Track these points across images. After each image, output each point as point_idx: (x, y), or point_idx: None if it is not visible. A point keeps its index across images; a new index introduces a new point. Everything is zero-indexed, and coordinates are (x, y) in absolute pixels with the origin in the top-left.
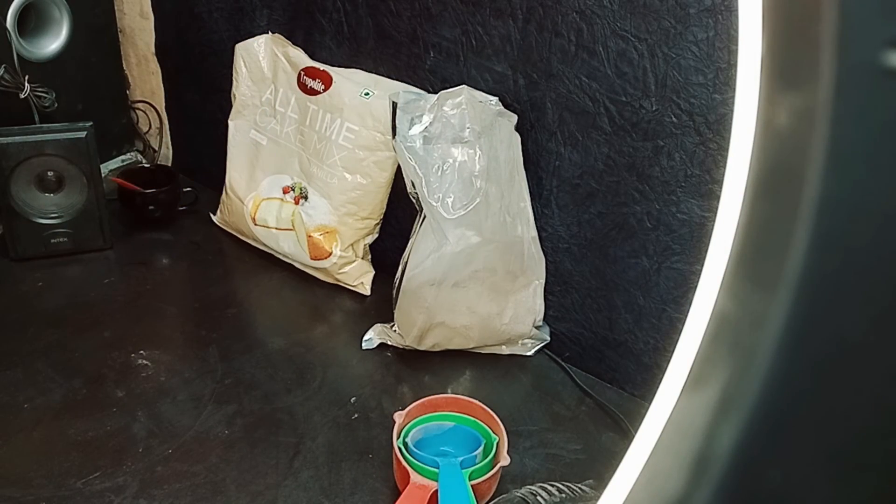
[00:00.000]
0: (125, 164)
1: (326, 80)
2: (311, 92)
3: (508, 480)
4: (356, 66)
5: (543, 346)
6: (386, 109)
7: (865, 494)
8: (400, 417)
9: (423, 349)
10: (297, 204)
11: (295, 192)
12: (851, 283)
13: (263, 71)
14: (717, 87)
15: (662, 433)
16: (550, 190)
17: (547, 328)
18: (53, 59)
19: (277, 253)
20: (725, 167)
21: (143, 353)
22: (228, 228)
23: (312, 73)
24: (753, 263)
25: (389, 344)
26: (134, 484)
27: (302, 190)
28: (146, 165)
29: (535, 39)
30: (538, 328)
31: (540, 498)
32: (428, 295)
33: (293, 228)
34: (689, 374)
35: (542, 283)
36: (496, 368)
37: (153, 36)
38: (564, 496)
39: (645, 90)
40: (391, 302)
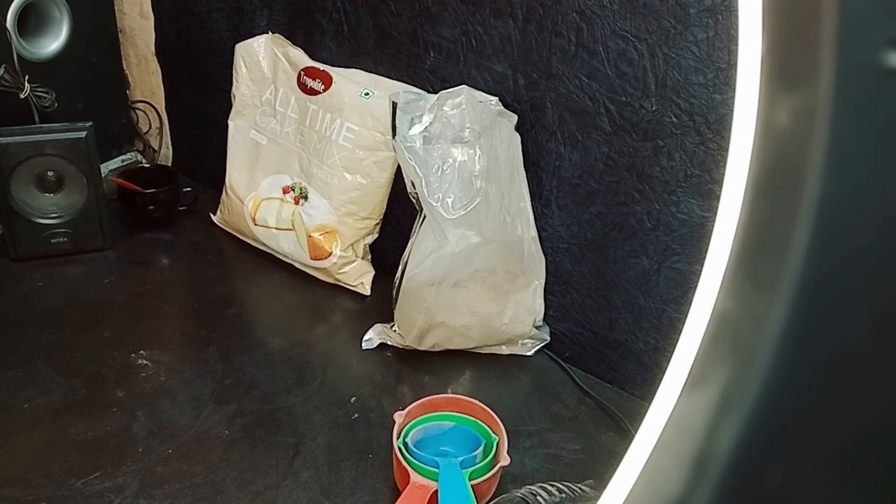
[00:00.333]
0: (125, 164)
1: (326, 80)
2: (311, 92)
3: (508, 480)
4: (356, 66)
5: (543, 346)
6: (386, 109)
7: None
8: (400, 417)
9: (423, 349)
10: (297, 204)
11: (295, 192)
12: (851, 283)
13: (263, 71)
14: (717, 87)
15: (662, 433)
16: (550, 190)
17: (547, 328)
18: (53, 59)
19: (277, 253)
20: (725, 167)
21: (143, 353)
22: (228, 228)
23: (312, 73)
24: (753, 263)
25: (389, 344)
26: (134, 484)
27: (302, 190)
28: (146, 165)
29: (535, 39)
30: (538, 328)
31: (540, 498)
32: (428, 295)
33: (293, 228)
34: (689, 374)
35: (542, 283)
36: (496, 368)
37: (153, 36)
38: (564, 496)
39: (645, 90)
40: (391, 302)
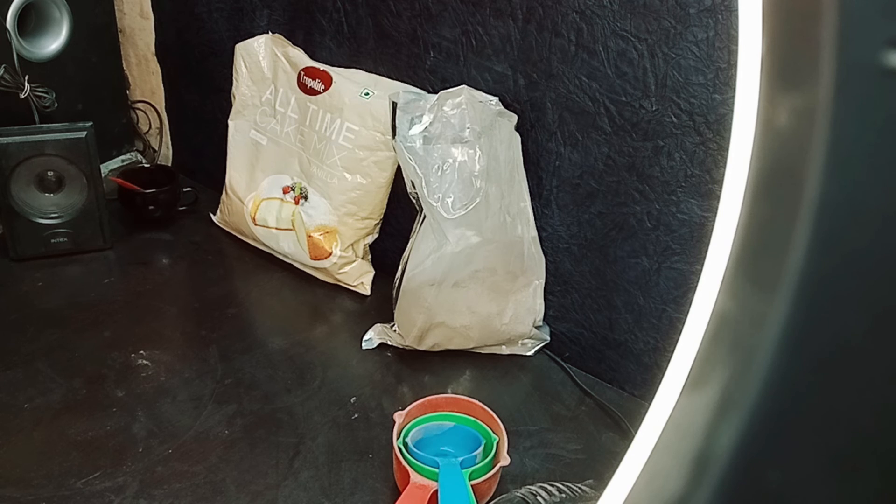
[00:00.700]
0: (125, 164)
1: (326, 80)
2: (311, 92)
3: (508, 480)
4: (356, 66)
5: (543, 346)
6: (386, 109)
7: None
8: (400, 417)
9: (423, 349)
10: (297, 204)
11: (295, 192)
12: (851, 283)
13: (263, 71)
14: (717, 87)
15: (662, 433)
16: (550, 190)
17: (547, 328)
18: (53, 59)
19: (277, 253)
20: (725, 167)
21: (143, 353)
22: (228, 228)
23: (312, 73)
24: (753, 263)
25: (389, 344)
26: (134, 484)
27: (302, 190)
28: (146, 165)
29: (535, 39)
30: (538, 328)
31: (540, 498)
32: (428, 295)
33: (293, 228)
34: (689, 374)
35: (542, 283)
36: (496, 368)
37: (153, 36)
38: (564, 496)
39: (645, 90)
40: (391, 302)
